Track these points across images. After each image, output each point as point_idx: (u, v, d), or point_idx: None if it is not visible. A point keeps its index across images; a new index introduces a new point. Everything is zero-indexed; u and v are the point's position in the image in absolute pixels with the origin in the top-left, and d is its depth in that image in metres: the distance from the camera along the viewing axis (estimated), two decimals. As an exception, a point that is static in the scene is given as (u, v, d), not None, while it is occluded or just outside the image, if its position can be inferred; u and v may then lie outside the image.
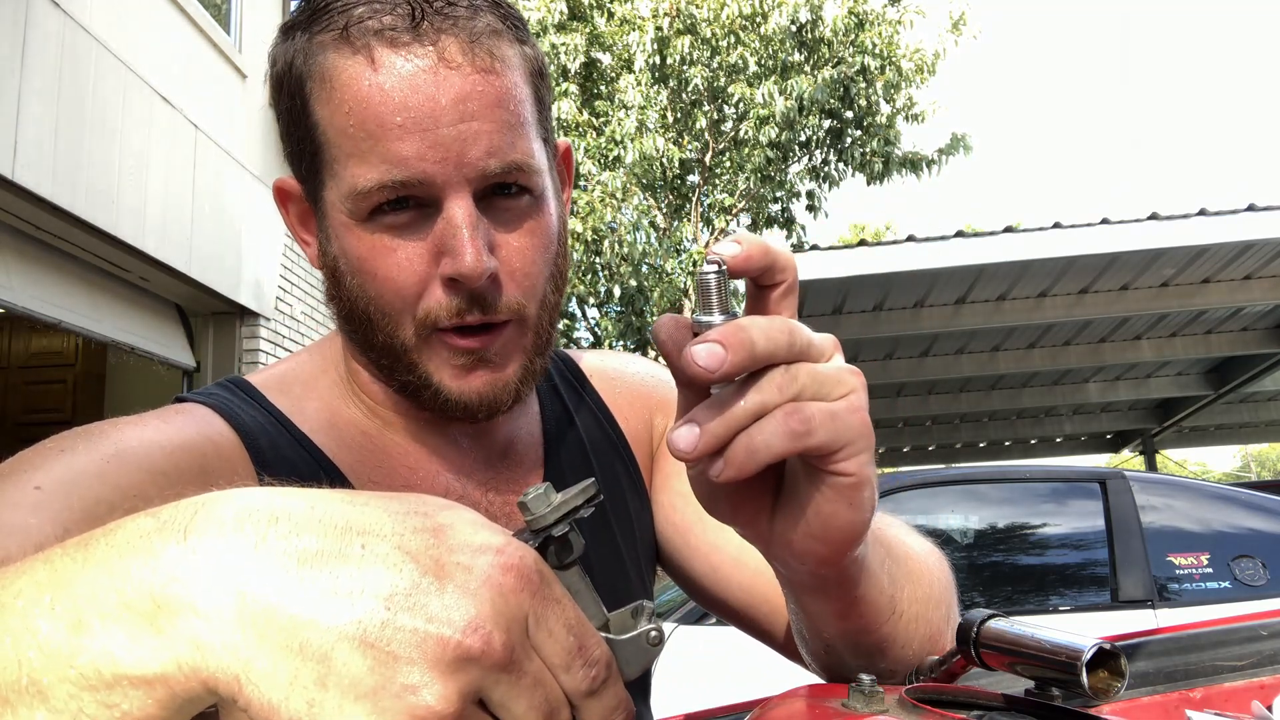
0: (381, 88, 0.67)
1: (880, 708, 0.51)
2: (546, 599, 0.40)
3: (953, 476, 4.88)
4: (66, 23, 4.80)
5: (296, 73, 0.72)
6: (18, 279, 4.85)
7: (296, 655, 0.36)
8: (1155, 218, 6.74)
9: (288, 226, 0.82)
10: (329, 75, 0.69)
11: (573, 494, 0.45)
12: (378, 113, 0.67)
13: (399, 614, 0.36)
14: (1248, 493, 4.36)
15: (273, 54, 0.75)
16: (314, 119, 0.71)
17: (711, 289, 0.50)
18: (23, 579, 0.39)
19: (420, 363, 0.75)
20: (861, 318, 7.96)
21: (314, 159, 0.73)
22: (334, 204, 0.72)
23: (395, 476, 0.81)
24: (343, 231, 0.73)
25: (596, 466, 0.92)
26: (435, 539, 0.39)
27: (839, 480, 0.51)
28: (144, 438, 0.69)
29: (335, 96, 0.69)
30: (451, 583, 0.38)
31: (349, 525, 0.39)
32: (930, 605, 0.72)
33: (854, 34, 12.07)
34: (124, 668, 0.36)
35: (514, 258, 0.73)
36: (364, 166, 0.68)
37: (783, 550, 0.57)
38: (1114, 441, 13.80)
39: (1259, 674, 0.55)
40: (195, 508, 0.39)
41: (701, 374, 0.47)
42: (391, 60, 0.67)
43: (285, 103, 0.74)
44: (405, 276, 0.71)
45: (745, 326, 0.48)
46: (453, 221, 0.69)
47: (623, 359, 1.03)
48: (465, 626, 0.37)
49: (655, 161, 11.80)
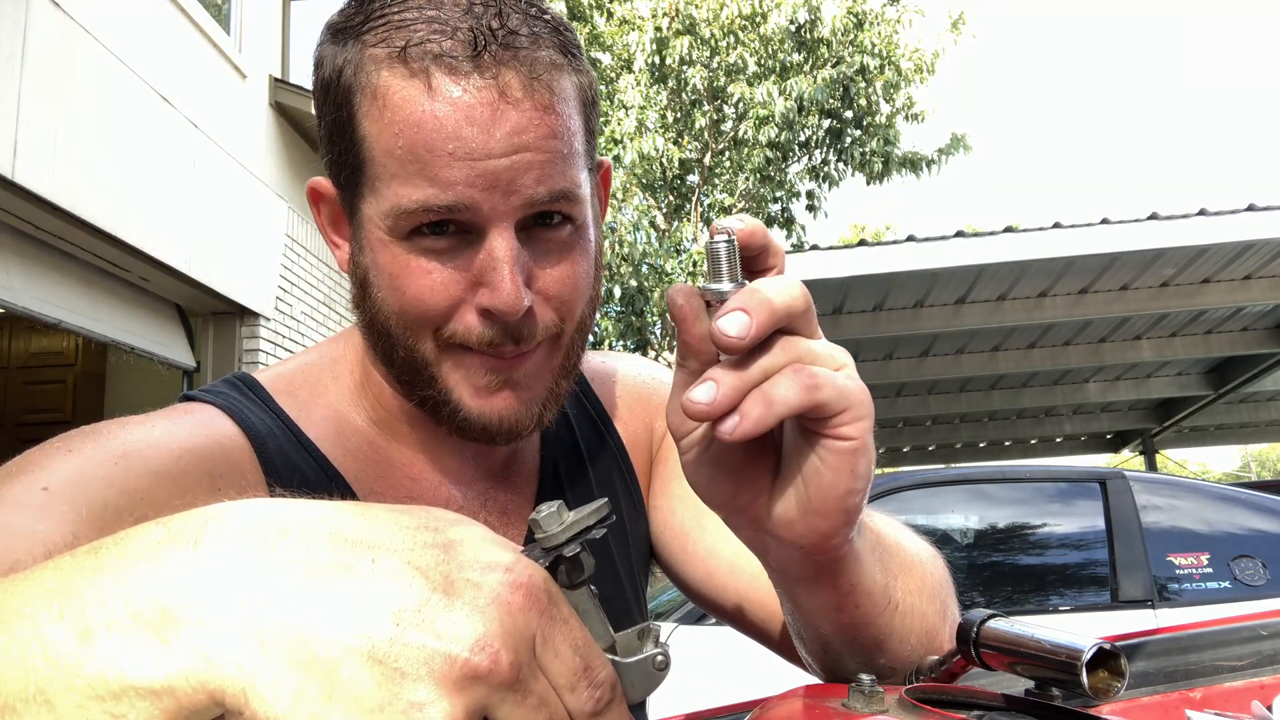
0: (435, 115, 0.66)
1: (880, 708, 0.51)
2: (554, 619, 0.40)
3: (953, 476, 4.88)
4: (66, 23, 4.80)
5: (346, 83, 0.70)
6: (18, 279, 4.85)
7: (304, 669, 0.36)
8: (1155, 218, 6.75)
9: (318, 226, 0.82)
10: (381, 93, 0.68)
11: (585, 513, 0.45)
12: (429, 139, 0.66)
13: (407, 630, 0.36)
14: (1248, 493, 4.36)
15: (320, 55, 0.73)
16: (360, 133, 0.70)
17: (722, 257, 0.52)
18: (31, 587, 0.39)
19: (440, 376, 0.74)
20: (861, 318, 7.96)
21: (356, 171, 0.72)
22: (371, 218, 0.71)
23: (398, 486, 0.81)
24: (378, 246, 0.72)
25: (592, 475, 0.92)
26: (445, 555, 0.39)
27: (841, 445, 0.53)
28: (152, 439, 0.68)
29: (386, 116, 0.68)
30: (460, 600, 0.38)
31: (359, 539, 0.39)
32: (925, 598, 0.72)
33: (853, 34, 12.07)
34: (131, 678, 0.36)
35: (551, 286, 0.73)
36: (408, 188, 0.67)
37: (782, 531, 0.57)
38: (1114, 441, 13.81)
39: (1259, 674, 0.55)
40: (205, 518, 0.39)
41: (734, 343, 0.49)
42: (449, 89, 0.66)
43: (331, 112, 0.72)
44: (437, 299, 0.71)
45: (758, 288, 0.51)
46: (494, 254, 0.69)
47: (623, 361, 1.03)
48: (473, 644, 0.37)
49: (655, 161, 11.80)
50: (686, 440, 0.57)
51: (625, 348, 13.00)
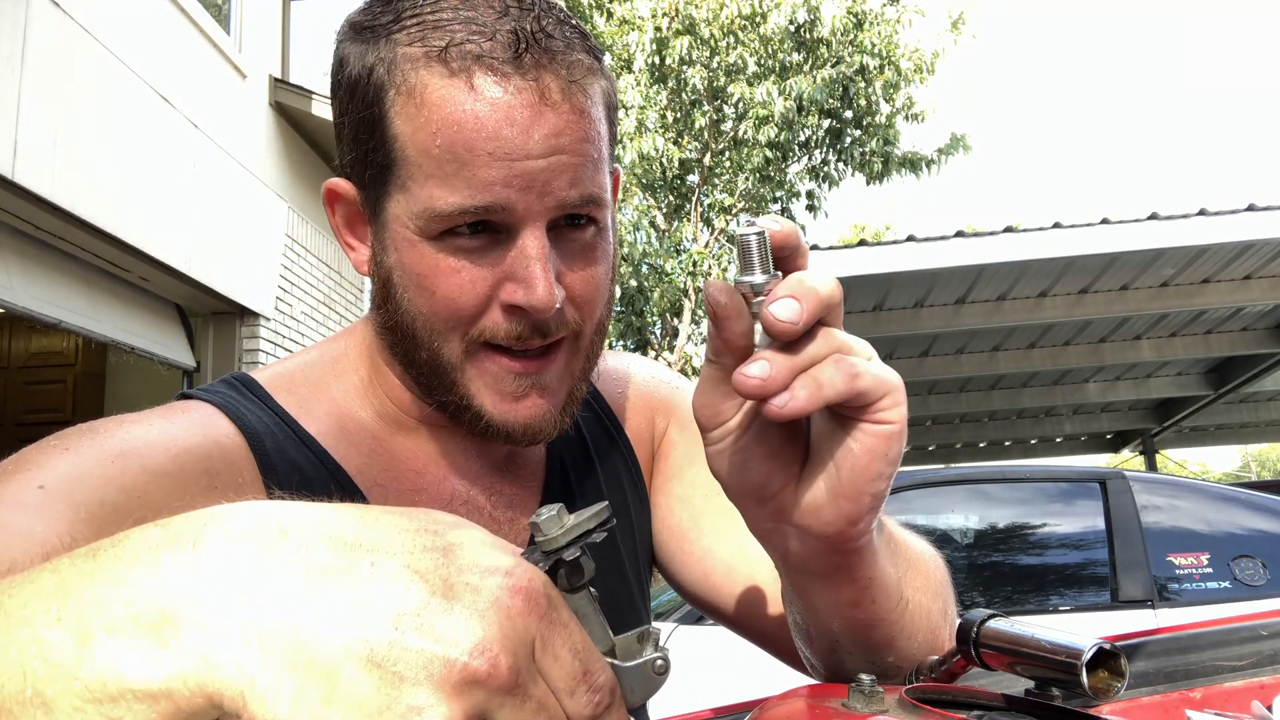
0: (476, 115, 0.66)
1: (880, 708, 0.51)
2: (554, 623, 0.40)
3: (953, 476, 4.88)
4: (66, 23, 4.80)
5: (378, 81, 0.70)
6: (18, 279, 4.85)
7: (302, 672, 0.36)
8: (1155, 218, 6.74)
9: (332, 228, 0.81)
10: (419, 93, 0.68)
11: (585, 517, 0.45)
12: (469, 139, 0.67)
13: (406, 634, 0.36)
14: (1248, 493, 4.36)
15: (343, 53, 0.73)
16: (393, 132, 0.70)
17: (754, 250, 0.53)
18: (29, 588, 0.39)
19: (463, 382, 0.74)
20: (861, 318, 7.96)
21: (384, 170, 0.71)
22: (399, 217, 0.71)
23: (402, 480, 0.81)
24: (405, 246, 0.72)
25: (600, 470, 0.92)
26: (445, 558, 0.39)
27: (880, 429, 0.55)
28: (149, 438, 0.68)
29: (423, 115, 0.68)
30: (459, 603, 0.37)
31: (358, 542, 0.38)
32: (930, 595, 0.72)
33: (853, 34, 12.07)
34: (129, 680, 0.36)
35: (577, 284, 0.74)
36: (444, 189, 0.68)
37: (809, 519, 0.58)
38: (1114, 441, 13.80)
39: (1259, 674, 0.55)
40: (205, 520, 0.39)
41: (786, 329, 0.51)
42: (491, 89, 0.67)
43: (358, 110, 0.72)
44: (466, 298, 0.71)
45: (802, 279, 0.53)
46: (526, 252, 0.69)
47: (624, 360, 1.03)
48: (472, 649, 0.36)
49: (655, 161, 11.80)
50: (719, 430, 0.58)
51: (625, 348, 13.01)
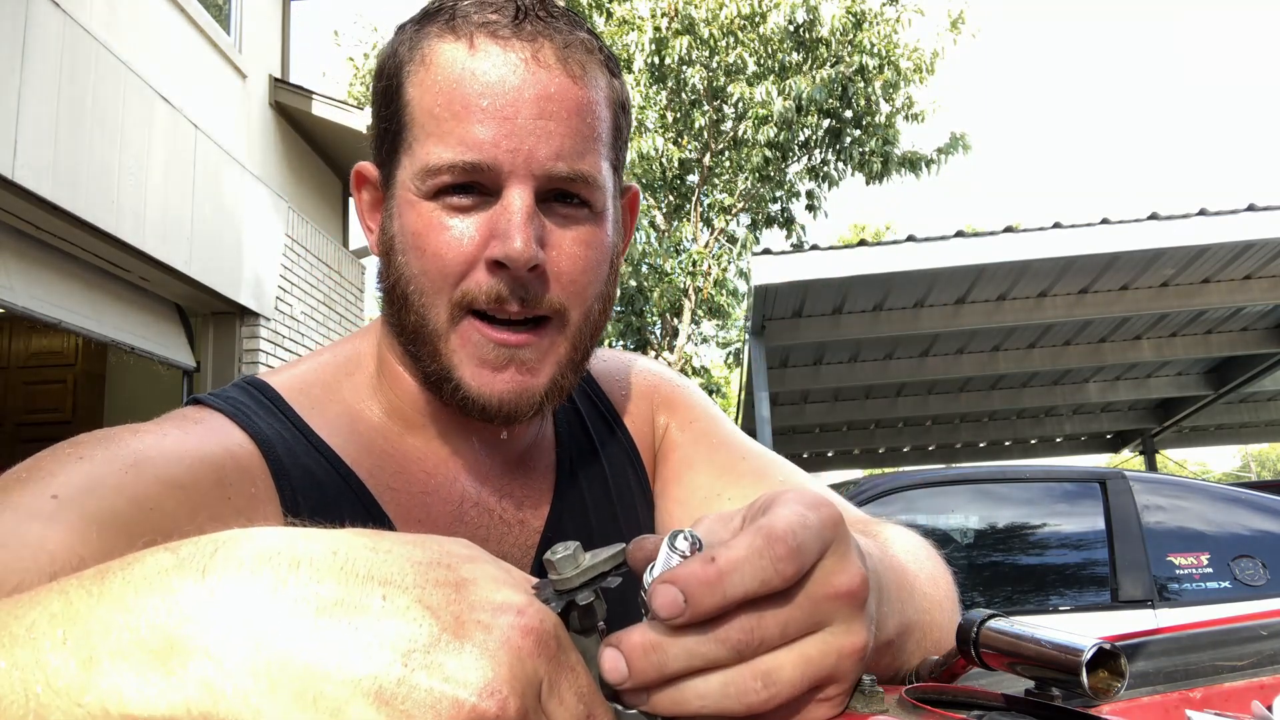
0: (473, 71, 0.71)
1: (880, 708, 0.51)
2: (561, 665, 0.40)
3: (953, 476, 4.88)
4: (66, 23, 4.80)
5: (399, 58, 0.76)
6: (18, 279, 4.85)
7: (310, 707, 0.35)
8: (1155, 218, 6.75)
9: (357, 212, 0.84)
10: (428, 57, 0.73)
11: (601, 558, 0.44)
12: (464, 93, 0.71)
13: (416, 671, 0.36)
14: (1248, 493, 4.36)
15: (382, 50, 0.80)
16: (405, 98, 0.74)
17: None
18: (36, 610, 0.39)
19: (446, 351, 0.75)
20: (861, 318, 7.96)
21: (395, 138, 0.76)
22: (403, 182, 0.75)
23: (413, 482, 0.81)
24: (405, 208, 0.74)
25: (607, 469, 0.92)
26: (456, 594, 0.39)
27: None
28: (163, 448, 0.68)
29: (429, 76, 0.73)
30: (470, 642, 0.37)
31: (370, 574, 0.38)
32: (938, 611, 0.71)
33: (852, 33, 12.07)
34: (133, 708, 0.36)
35: (563, 260, 0.74)
36: (440, 145, 0.71)
37: None
38: (1114, 441, 13.80)
39: (1259, 674, 0.55)
40: (215, 546, 0.39)
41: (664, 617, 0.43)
42: (489, 48, 0.71)
43: (381, 85, 0.77)
44: (453, 254, 0.72)
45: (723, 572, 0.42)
46: (509, 207, 0.71)
47: (625, 359, 1.03)
48: (481, 689, 0.36)
49: (654, 161, 11.81)
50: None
51: (625, 347, 13.01)
